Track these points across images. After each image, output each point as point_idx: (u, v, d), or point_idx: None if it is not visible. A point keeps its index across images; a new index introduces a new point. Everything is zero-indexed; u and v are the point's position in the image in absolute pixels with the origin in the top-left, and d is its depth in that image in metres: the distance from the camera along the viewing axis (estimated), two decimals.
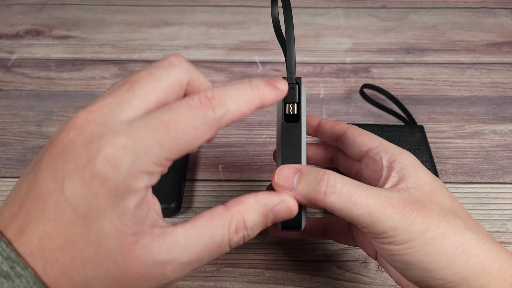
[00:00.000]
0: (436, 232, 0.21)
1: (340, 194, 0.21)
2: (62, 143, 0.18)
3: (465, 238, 0.21)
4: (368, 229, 0.22)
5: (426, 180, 0.23)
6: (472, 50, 0.56)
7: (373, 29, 0.59)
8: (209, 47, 0.57)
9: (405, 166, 0.24)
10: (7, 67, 0.54)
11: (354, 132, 0.28)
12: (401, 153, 0.25)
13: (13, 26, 0.60)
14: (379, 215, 0.21)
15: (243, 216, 0.20)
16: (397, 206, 0.21)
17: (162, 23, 0.61)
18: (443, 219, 0.21)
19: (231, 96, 0.19)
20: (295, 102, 0.25)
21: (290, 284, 0.34)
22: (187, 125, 0.18)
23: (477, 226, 0.22)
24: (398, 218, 0.21)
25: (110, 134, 0.17)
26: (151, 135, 0.17)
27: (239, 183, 0.41)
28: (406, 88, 0.51)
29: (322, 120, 0.30)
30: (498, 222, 0.38)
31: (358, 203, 0.21)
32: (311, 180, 0.22)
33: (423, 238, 0.20)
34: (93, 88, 0.51)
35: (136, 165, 0.17)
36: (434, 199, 0.22)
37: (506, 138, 0.45)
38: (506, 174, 0.42)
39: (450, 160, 0.43)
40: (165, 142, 0.18)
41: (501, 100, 0.49)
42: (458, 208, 0.23)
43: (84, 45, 0.57)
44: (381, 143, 0.26)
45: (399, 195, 0.22)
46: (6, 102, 0.49)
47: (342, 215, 0.22)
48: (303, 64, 0.54)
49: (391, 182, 0.24)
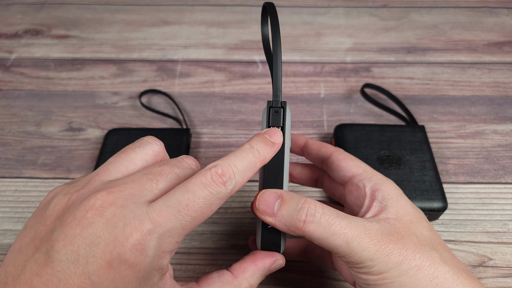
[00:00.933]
0: (412, 264, 0.21)
1: (319, 223, 0.22)
2: (79, 223, 0.18)
3: (440, 271, 0.21)
4: (345, 259, 0.22)
5: (406, 211, 0.24)
6: (473, 49, 0.56)
7: (374, 29, 0.59)
8: (208, 47, 0.56)
9: (387, 195, 0.25)
10: (6, 66, 0.54)
11: (340, 156, 0.28)
12: (384, 182, 0.26)
13: (12, 25, 0.60)
14: (356, 245, 0.21)
15: (249, 282, 0.23)
16: (374, 237, 0.22)
17: (162, 23, 0.60)
18: (419, 251, 0.22)
19: (238, 169, 0.21)
20: (279, 126, 0.25)
21: (290, 285, 0.34)
22: (205, 204, 0.19)
23: (453, 259, 0.23)
24: (375, 249, 0.21)
25: (135, 219, 0.18)
26: (174, 218, 0.19)
27: None
28: (407, 87, 0.51)
29: (308, 141, 0.31)
30: (499, 222, 0.38)
31: (336, 233, 0.22)
32: (291, 207, 0.23)
33: (398, 270, 0.21)
34: (92, 88, 0.51)
35: (161, 247, 0.18)
36: (413, 230, 0.23)
37: (507, 138, 0.45)
38: (508, 174, 0.41)
39: (451, 160, 0.43)
40: (187, 223, 0.19)
41: (502, 99, 0.49)
42: (436, 240, 0.23)
43: (83, 44, 0.57)
44: (365, 170, 0.27)
45: (377, 226, 0.22)
46: (5, 102, 0.49)
47: (321, 244, 0.22)
48: (304, 63, 0.54)
49: (373, 211, 0.24)
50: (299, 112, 0.48)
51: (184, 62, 0.54)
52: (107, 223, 0.18)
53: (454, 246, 0.36)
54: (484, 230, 0.37)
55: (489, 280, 0.34)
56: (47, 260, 0.17)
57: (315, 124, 0.47)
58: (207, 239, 0.37)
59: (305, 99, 0.49)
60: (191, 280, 0.34)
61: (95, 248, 0.17)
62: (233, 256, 0.36)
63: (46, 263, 0.17)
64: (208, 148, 0.44)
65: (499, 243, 0.36)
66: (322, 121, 0.47)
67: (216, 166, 0.20)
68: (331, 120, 0.47)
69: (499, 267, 0.35)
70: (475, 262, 0.35)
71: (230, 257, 0.36)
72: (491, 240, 0.37)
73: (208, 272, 0.35)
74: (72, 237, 0.18)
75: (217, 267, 0.35)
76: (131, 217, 0.18)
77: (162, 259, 0.19)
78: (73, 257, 0.17)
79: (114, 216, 0.18)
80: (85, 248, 0.17)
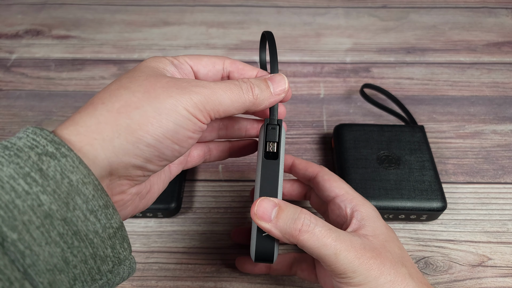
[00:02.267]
0: (387, 279, 0.24)
1: (313, 233, 0.24)
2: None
3: (408, 285, 0.24)
4: (330, 268, 0.24)
5: (381, 231, 0.27)
6: (472, 50, 0.56)
7: (374, 29, 0.59)
8: (209, 47, 0.57)
9: (365, 216, 0.27)
10: (7, 67, 0.54)
11: (324, 177, 0.31)
12: (363, 204, 0.28)
13: (13, 26, 0.60)
14: (343, 257, 0.24)
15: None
16: (359, 251, 0.24)
17: (162, 23, 0.60)
18: (394, 267, 0.25)
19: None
20: (275, 141, 0.27)
21: (290, 285, 0.34)
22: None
23: (418, 274, 0.26)
24: (358, 263, 0.24)
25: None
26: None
27: (239, 183, 0.41)
28: (407, 88, 0.51)
29: (295, 161, 0.33)
30: (498, 222, 0.38)
31: (327, 245, 0.24)
32: (288, 216, 0.24)
33: (376, 283, 0.24)
34: (93, 88, 0.51)
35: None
36: (387, 248, 0.26)
37: (506, 138, 0.45)
38: (507, 174, 0.42)
39: (451, 160, 0.43)
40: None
41: (501, 100, 0.49)
42: (405, 257, 0.26)
43: (84, 45, 0.57)
44: (347, 192, 0.29)
45: (360, 240, 0.25)
46: (5, 102, 0.49)
47: (311, 253, 0.24)
48: (303, 64, 0.54)
49: (352, 227, 0.27)
50: (299, 112, 0.48)
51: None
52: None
53: (454, 246, 0.36)
54: (483, 230, 0.38)
55: (488, 280, 0.34)
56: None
57: (315, 124, 0.47)
58: (207, 238, 0.37)
59: (304, 99, 0.50)
60: (191, 279, 0.35)
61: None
62: (233, 256, 0.36)
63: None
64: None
65: (498, 243, 0.37)
66: (321, 121, 0.47)
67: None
68: (331, 120, 0.47)
69: (498, 267, 0.35)
70: (474, 262, 0.35)
71: (230, 256, 0.36)
72: (490, 240, 0.37)
73: (208, 271, 0.35)
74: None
75: (217, 266, 0.35)
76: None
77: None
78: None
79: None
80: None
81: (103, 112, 0.21)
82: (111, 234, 0.20)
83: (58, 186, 0.18)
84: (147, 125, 0.21)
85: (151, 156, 0.21)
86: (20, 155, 0.18)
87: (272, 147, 0.27)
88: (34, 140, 0.19)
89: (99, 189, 0.19)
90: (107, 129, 0.20)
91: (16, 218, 0.17)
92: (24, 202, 0.17)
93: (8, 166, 0.17)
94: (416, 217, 0.37)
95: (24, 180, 0.17)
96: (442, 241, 0.37)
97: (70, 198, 0.18)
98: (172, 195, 0.37)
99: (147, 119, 0.21)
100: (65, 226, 0.18)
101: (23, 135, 0.19)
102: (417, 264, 0.35)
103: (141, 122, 0.21)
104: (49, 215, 0.17)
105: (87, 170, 0.19)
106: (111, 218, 0.20)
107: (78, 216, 0.18)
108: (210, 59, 0.27)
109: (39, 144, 0.18)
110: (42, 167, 0.18)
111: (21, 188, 0.17)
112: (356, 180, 0.37)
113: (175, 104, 0.21)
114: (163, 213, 0.37)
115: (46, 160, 0.18)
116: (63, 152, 0.18)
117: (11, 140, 0.19)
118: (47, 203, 0.17)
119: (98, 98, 0.22)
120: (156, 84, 0.22)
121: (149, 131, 0.21)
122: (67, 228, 0.18)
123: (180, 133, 0.22)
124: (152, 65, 0.24)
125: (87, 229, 0.18)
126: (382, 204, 0.36)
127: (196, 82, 0.23)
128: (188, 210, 0.39)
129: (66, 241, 0.18)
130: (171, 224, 0.38)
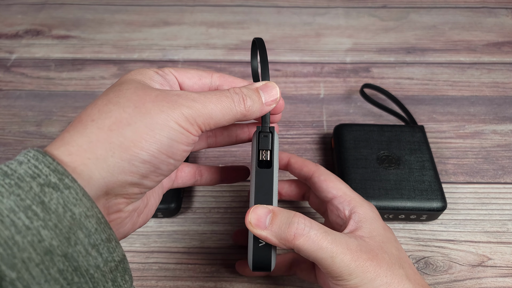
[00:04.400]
0: (383, 281, 0.24)
1: (308, 237, 0.24)
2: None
3: (405, 287, 0.24)
4: (327, 270, 0.24)
5: (378, 232, 0.27)
6: (472, 50, 0.56)
7: (374, 29, 0.59)
8: (209, 47, 0.57)
9: (362, 218, 0.27)
10: (7, 67, 0.54)
11: (320, 177, 0.30)
12: (362, 205, 0.28)
13: (13, 25, 0.60)
14: (339, 260, 0.23)
15: None
16: (354, 253, 0.24)
17: (162, 23, 0.60)
18: (390, 269, 0.24)
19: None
20: (268, 149, 0.26)
21: (290, 285, 0.34)
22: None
23: (415, 275, 0.26)
24: (354, 265, 0.24)
25: None
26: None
27: (239, 183, 0.41)
28: (407, 88, 0.51)
29: (291, 159, 0.33)
30: (498, 222, 0.38)
31: (323, 248, 0.24)
32: (282, 221, 0.24)
33: (371, 285, 0.24)
34: (93, 88, 0.51)
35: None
36: (384, 249, 0.26)
37: (506, 138, 0.45)
38: (507, 174, 0.42)
39: (451, 160, 0.43)
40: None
41: (501, 100, 0.49)
42: (403, 258, 0.26)
43: (84, 45, 0.57)
44: (345, 193, 0.29)
45: (356, 242, 0.25)
46: (5, 102, 0.49)
47: (307, 256, 0.24)
48: (303, 64, 0.54)
49: (349, 229, 0.27)
50: (299, 112, 0.48)
51: (185, 63, 0.54)
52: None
53: (454, 246, 0.36)
54: (483, 230, 0.38)
55: (488, 280, 0.34)
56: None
57: (315, 124, 0.47)
58: (207, 238, 0.37)
59: (304, 99, 0.50)
60: (191, 279, 0.35)
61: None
62: (233, 256, 0.36)
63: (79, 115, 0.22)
64: (208, 148, 0.44)
65: (498, 243, 0.37)
66: (321, 121, 0.47)
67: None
68: (331, 120, 0.47)
69: (498, 267, 0.35)
70: (474, 262, 0.35)
71: (230, 256, 0.36)
72: (490, 239, 0.37)
73: (208, 272, 0.35)
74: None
75: (217, 266, 0.35)
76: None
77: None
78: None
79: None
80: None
81: (94, 130, 0.20)
82: (112, 268, 0.19)
83: (60, 220, 0.17)
84: (141, 142, 0.20)
85: (147, 172, 0.21)
86: (22, 185, 0.17)
87: (265, 155, 0.26)
88: (36, 167, 0.18)
89: (102, 222, 0.19)
90: (100, 148, 0.20)
91: (15, 255, 0.16)
92: (24, 238, 0.16)
93: (9, 198, 0.17)
94: (416, 217, 0.37)
95: (25, 214, 0.17)
96: (442, 241, 0.37)
97: (72, 232, 0.18)
98: (172, 195, 0.37)
99: (140, 136, 0.20)
100: (66, 262, 0.17)
101: (24, 159, 0.18)
102: (417, 264, 0.35)
103: (134, 139, 0.20)
104: (49, 251, 0.17)
105: (90, 202, 0.19)
106: (114, 251, 0.19)
107: (80, 251, 0.18)
108: (197, 72, 0.27)
109: (42, 173, 0.18)
110: (44, 199, 0.17)
111: (21, 223, 0.17)
112: (356, 180, 0.37)
113: (167, 119, 0.21)
114: (163, 213, 0.37)
115: (48, 192, 0.17)
116: (66, 183, 0.18)
117: (11, 165, 0.18)
118: (48, 238, 0.17)
119: (86, 115, 0.21)
120: (145, 98, 0.21)
121: (144, 147, 0.20)
122: (68, 264, 0.17)
123: (174, 146, 0.22)
124: (138, 78, 0.24)
125: (88, 264, 0.18)
126: (382, 204, 0.36)
127: (186, 94, 0.22)
128: (188, 210, 0.39)
129: (65, 278, 0.17)
130: (171, 224, 0.38)
